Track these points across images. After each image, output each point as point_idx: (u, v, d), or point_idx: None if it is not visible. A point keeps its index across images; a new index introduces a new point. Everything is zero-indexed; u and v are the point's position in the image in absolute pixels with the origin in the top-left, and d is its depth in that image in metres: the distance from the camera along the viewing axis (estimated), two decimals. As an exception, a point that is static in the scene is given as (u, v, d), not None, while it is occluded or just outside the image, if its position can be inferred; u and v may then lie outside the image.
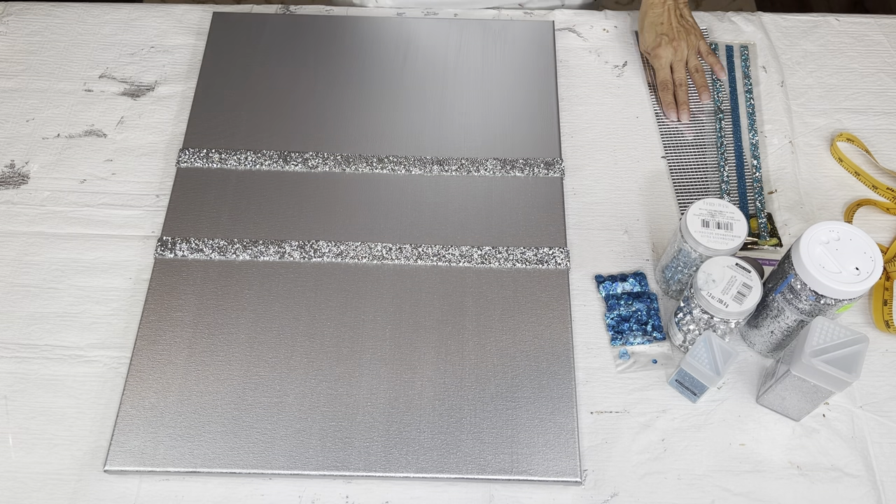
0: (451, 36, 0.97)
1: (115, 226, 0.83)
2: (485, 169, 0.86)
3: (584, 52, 0.98)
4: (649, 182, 0.87)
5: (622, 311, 0.78)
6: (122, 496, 0.68)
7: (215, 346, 0.74)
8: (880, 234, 0.84)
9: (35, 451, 0.70)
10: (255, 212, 0.82)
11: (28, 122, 0.91)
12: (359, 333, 0.75)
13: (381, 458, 0.69)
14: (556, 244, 0.81)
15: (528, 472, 0.68)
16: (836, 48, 0.99)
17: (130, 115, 0.91)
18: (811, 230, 0.66)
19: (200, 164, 0.86)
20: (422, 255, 0.79)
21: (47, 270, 0.80)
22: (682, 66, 0.94)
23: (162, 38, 0.98)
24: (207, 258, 0.79)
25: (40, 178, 0.86)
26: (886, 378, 0.75)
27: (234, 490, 0.68)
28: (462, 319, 0.76)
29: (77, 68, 0.95)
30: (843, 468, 0.70)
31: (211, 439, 0.69)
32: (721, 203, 0.72)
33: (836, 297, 0.64)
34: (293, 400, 0.71)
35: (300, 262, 0.79)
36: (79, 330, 0.76)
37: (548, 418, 0.71)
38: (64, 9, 1.00)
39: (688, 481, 0.69)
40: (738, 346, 0.76)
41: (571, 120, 0.92)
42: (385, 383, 0.72)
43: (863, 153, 0.90)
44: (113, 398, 0.72)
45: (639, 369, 0.75)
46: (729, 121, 0.92)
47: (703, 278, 0.68)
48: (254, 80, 0.92)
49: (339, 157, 0.86)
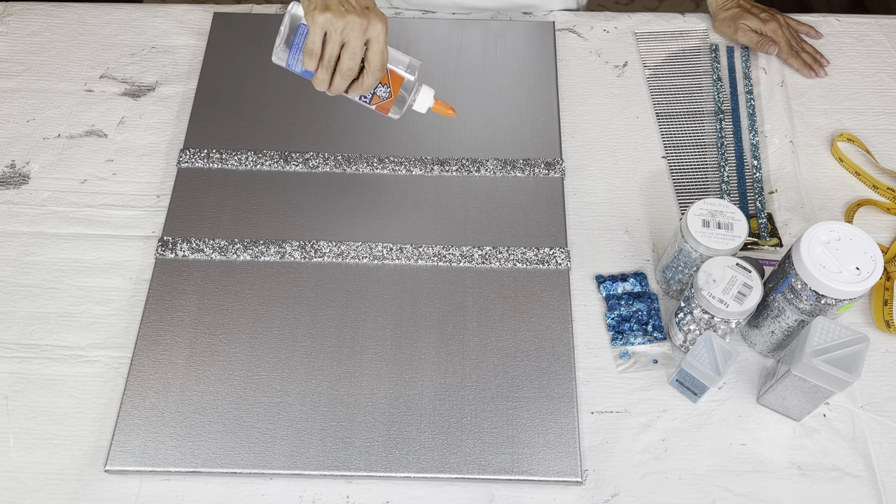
0: (451, 36, 0.97)
1: (116, 226, 0.83)
2: (485, 169, 0.86)
3: (584, 52, 0.98)
4: (650, 182, 0.87)
5: (623, 311, 0.78)
6: (122, 496, 0.68)
7: (216, 346, 0.74)
8: (881, 234, 0.84)
9: (36, 451, 0.70)
10: (256, 212, 0.82)
11: (29, 123, 0.91)
12: (359, 333, 0.75)
13: (382, 457, 0.69)
14: (557, 244, 0.81)
15: (529, 471, 0.68)
16: (836, 48, 0.99)
17: (131, 116, 0.91)
18: (811, 230, 0.66)
19: (201, 164, 0.86)
20: (422, 255, 0.80)
21: (48, 270, 0.80)
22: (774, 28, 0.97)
23: (163, 39, 0.98)
24: (208, 258, 0.79)
25: (41, 178, 0.86)
26: (887, 378, 0.75)
27: (235, 490, 0.68)
28: (463, 319, 0.76)
29: (78, 68, 0.95)
30: (844, 468, 0.70)
31: (212, 439, 0.69)
32: (721, 203, 0.72)
33: (836, 296, 0.64)
34: (294, 400, 0.71)
35: (301, 263, 0.79)
36: (79, 330, 0.76)
37: (548, 418, 0.71)
38: (64, 9, 1.00)
39: (688, 481, 0.69)
40: (738, 346, 0.76)
41: (572, 120, 0.92)
42: (386, 383, 0.72)
43: (863, 153, 0.90)
44: (114, 398, 0.72)
45: (639, 369, 0.75)
46: (729, 121, 0.92)
47: (703, 278, 0.68)
48: (254, 81, 0.92)
49: (339, 157, 0.86)
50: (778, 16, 0.98)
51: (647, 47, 0.99)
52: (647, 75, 0.96)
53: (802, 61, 0.96)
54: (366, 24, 0.68)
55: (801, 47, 0.97)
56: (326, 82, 0.71)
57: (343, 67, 0.70)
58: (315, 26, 0.67)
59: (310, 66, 0.70)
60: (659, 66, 0.97)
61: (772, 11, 0.99)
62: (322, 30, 0.67)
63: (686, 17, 1.02)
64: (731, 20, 0.98)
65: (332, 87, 0.71)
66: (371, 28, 0.68)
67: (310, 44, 0.68)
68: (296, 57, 0.70)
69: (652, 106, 0.94)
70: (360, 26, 0.68)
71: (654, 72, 0.97)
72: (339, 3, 0.68)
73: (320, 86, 0.71)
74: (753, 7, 0.99)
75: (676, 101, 0.94)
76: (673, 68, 0.97)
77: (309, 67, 0.70)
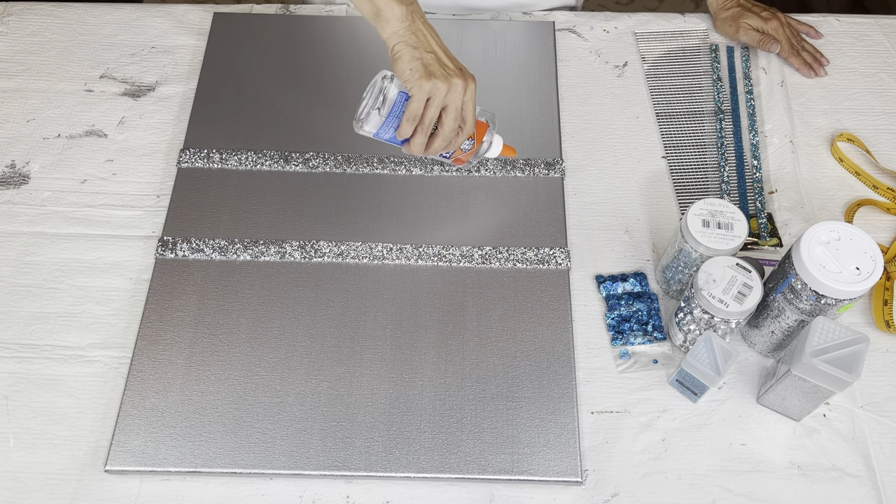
0: (451, 36, 0.97)
1: (116, 226, 0.83)
2: (485, 169, 0.86)
3: (584, 52, 0.98)
4: (650, 182, 0.87)
5: (623, 311, 0.78)
6: (122, 496, 0.68)
7: (216, 346, 0.74)
8: (881, 234, 0.84)
9: (36, 451, 0.70)
10: (256, 212, 0.82)
11: (29, 123, 0.91)
12: (359, 333, 0.75)
13: (382, 457, 0.69)
14: (557, 244, 0.81)
15: (529, 471, 0.68)
16: (836, 48, 0.99)
17: (131, 116, 0.91)
18: (811, 230, 0.66)
19: (201, 164, 0.86)
20: (422, 256, 0.80)
21: (48, 270, 0.80)
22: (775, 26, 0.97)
23: (163, 39, 0.98)
24: (208, 258, 0.79)
25: (41, 178, 0.86)
26: (887, 378, 0.75)
27: (235, 490, 0.68)
28: (463, 319, 0.76)
29: (78, 68, 0.95)
30: (844, 468, 0.70)
31: (212, 439, 0.69)
32: (721, 203, 0.72)
33: (836, 296, 0.64)
34: (294, 400, 0.71)
35: (301, 263, 0.79)
36: (79, 330, 0.76)
37: (548, 418, 0.71)
38: (64, 9, 1.00)
39: (688, 481, 0.69)
40: (738, 345, 0.76)
41: (572, 120, 0.92)
42: (386, 383, 0.72)
43: (863, 153, 0.90)
44: (114, 398, 0.72)
45: (639, 369, 0.75)
46: (729, 121, 0.92)
47: (703, 278, 0.68)
48: (254, 80, 0.92)
49: (339, 157, 0.86)
50: (779, 14, 0.98)
51: (647, 47, 0.99)
52: (646, 75, 0.96)
53: (803, 60, 0.96)
54: (465, 85, 0.70)
55: (802, 46, 0.97)
56: (423, 145, 0.72)
57: (446, 130, 0.71)
58: (421, 93, 0.68)
59: (408, 131, 0.71)
60: (659, 66, 0.97)
61: (773, 10, 0.99)
62: (427, 95, 0.69)
63: (686, 17, 1.02)
64: (732, 19, 0.98)
65: (431, 149, 0.73)
66: (469, 89, 0.70)
67: (413, 110, 0.69)
68: (390, 125, 0.71)
69: (652, 106, 0.94)
70: (462, 88, 0.70)
71: (654, 72, 0.97)
72: (439, 67, 0.69)
73: (417, 150, 0.72)
74: (754, 6, 0.99)
75: (676, 101, 0.94)
76: (673, 68, 0.97)
77: (407, 133, 0.71)
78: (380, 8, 0.69)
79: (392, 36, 0.70)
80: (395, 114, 0.71)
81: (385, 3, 0.69)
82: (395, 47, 0.69)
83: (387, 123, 0.71)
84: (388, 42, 0.70)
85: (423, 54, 0.69)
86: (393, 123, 0.71)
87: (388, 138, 0.73)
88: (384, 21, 0.70)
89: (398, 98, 0.70)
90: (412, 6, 0.71)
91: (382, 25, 0.70)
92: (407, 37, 0.69)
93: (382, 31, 0.70)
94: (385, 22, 0.69)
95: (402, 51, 0.69)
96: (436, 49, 0.70)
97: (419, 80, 0.68)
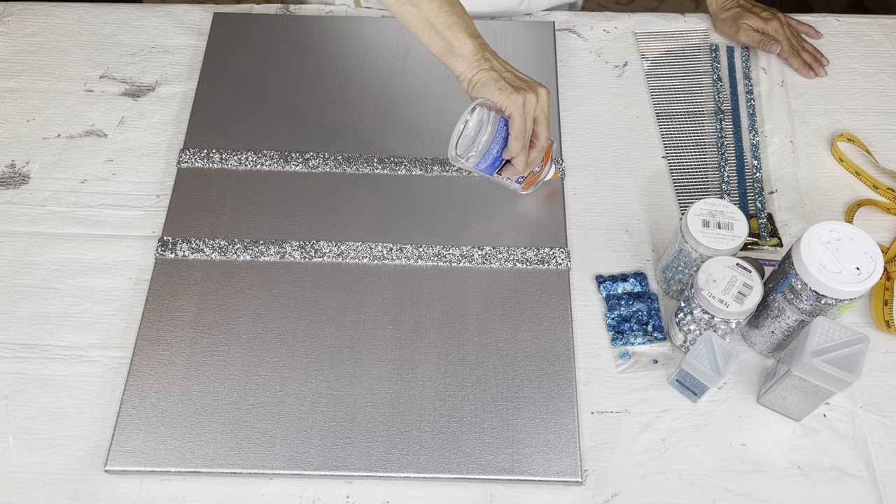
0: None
1: (116, 226, 0.83)
2: (485, 169, 0.86)
3: (584, 52, 0.98)
4: (650, 182, 0.87)
5: (623, 311, 0.78)
6: (122, 496, 0.68)
7: (216, 346, 0.74)
8: (881, 234, 0.84)
9: (36, 451, 0.70)
10: (256, 212, 0.82)
11: (28, 123, 0.91)
12: (359, 333, 0.75)
13: (382, 458, 0.69)
14: (557, 244, 0.81)
15: (529, 472, 0.68)
16: (836, 48, 0.99)
17: (131, 116, 0.91)
18: (812, 230, 0.66)
19: (201, 164, 0.86)
20: (422, 256, 0.80)
21: (48, 270, 0.80)
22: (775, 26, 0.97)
23: (162, 39, 0.98)
24: (208, 258, 0.79)
25: (41, 178, 0.86)
26: (887, 378, 0.75)
27: (235, 490, 0.68)
28: (463, 319, 0.76)
29: (77, 68, 0.95)
30: (844, 468, 0.70)
31: (212, 439, 0.69)
32: (722, 203, 0.72)
33: (836, 296, 0.64)
34: (294, 400, 0.71)
35: (301, 263, 0.79)
36: (79, 330, 0.76)
37: (548, 418, 0.71)
38: (64, 9, 1.00)
39: (688, 481, 0.69)
40: (738, 346, 0.76)
41: (572, 120, 0.92)
42: (386, 383, 0.72)
43: (863, 153, 0.90)
44: (114, 398, 0.72)
45: (639, 369, 0.75)
46: (729, 121, 0.92)
47: (703, 278, 0.68)
48: (254, 80, 0.92)
49: (339, 158, 0.86)
50: (779, 15, 0.98)
51: (648, 47, 0.99)
52: (646, 75, 0.96)
53: (803, 61, 0.96)
54: (547, 93, 0.72)
55: (802, 46, 0.97)
56: (525, 161, 0.73)
57: (542, 139, 0.73)
58: (518, 108, 0.70)
59: (517, 148, 0.72)
60: (659, 66, 0.97)
61: (773, 11, 0.99)
62: (522, 109, 0.70)
63: (686, 17, 1.02)
64: (732, 20, 0.98)
65: (529, 160, 0.74)
66: (549, 97, 0.73)
67: (518, 126, 0.70)
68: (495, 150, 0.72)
69: (652, 106, 0.94)
70: (546, 96, 0.72)
71: (654, 72, 0.97)
72: (521, 82, 0.72)
73: (523, 167, 0.73)
74: (754, 6, 0.99)
75: (676, 101, 0.94)
76: (673, 68, 0.97)
77: (517, 150, 0.72)
78: (453, 45, 0.72)
79: (469, 69, 0.72)
80: (497, 139, 0.72)
81: (457, 40, 0.72)
82: (474, 77, 0.72)
83: (491, 151, 0.72)
84: (465, 74, 0.73)
85: (504, 75, 0.72)
86: (493, 150, 0.72)
87: (486, 166, 0.74)
88: (458, 57, 0.72)
89: (500, 123, 0.72)
90: (480, 39, 0.73)
91: (457, 60, 0.73)
92: (483, 65, 0.72)
93: (457, 66, 0.73)
94: (459, 58, 0.72)
95: (483, 78, 0.72)
96: (510, 69, 0.73)
97: (511, 95, 0.70)
